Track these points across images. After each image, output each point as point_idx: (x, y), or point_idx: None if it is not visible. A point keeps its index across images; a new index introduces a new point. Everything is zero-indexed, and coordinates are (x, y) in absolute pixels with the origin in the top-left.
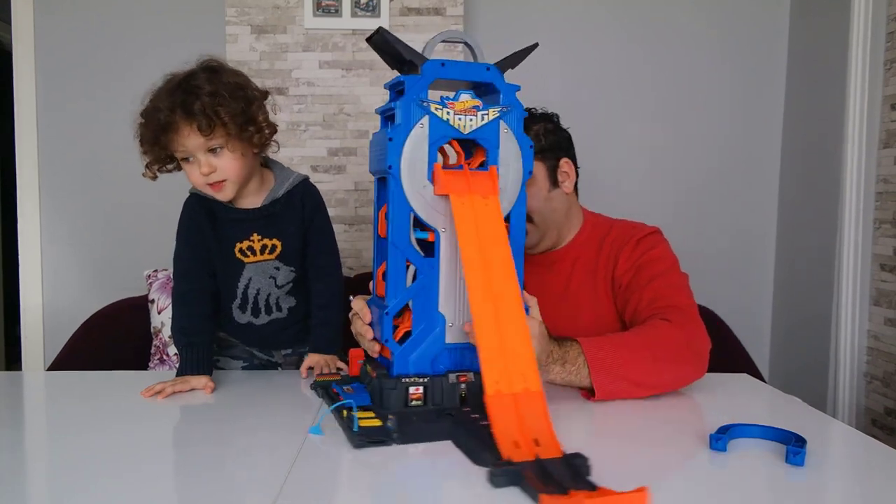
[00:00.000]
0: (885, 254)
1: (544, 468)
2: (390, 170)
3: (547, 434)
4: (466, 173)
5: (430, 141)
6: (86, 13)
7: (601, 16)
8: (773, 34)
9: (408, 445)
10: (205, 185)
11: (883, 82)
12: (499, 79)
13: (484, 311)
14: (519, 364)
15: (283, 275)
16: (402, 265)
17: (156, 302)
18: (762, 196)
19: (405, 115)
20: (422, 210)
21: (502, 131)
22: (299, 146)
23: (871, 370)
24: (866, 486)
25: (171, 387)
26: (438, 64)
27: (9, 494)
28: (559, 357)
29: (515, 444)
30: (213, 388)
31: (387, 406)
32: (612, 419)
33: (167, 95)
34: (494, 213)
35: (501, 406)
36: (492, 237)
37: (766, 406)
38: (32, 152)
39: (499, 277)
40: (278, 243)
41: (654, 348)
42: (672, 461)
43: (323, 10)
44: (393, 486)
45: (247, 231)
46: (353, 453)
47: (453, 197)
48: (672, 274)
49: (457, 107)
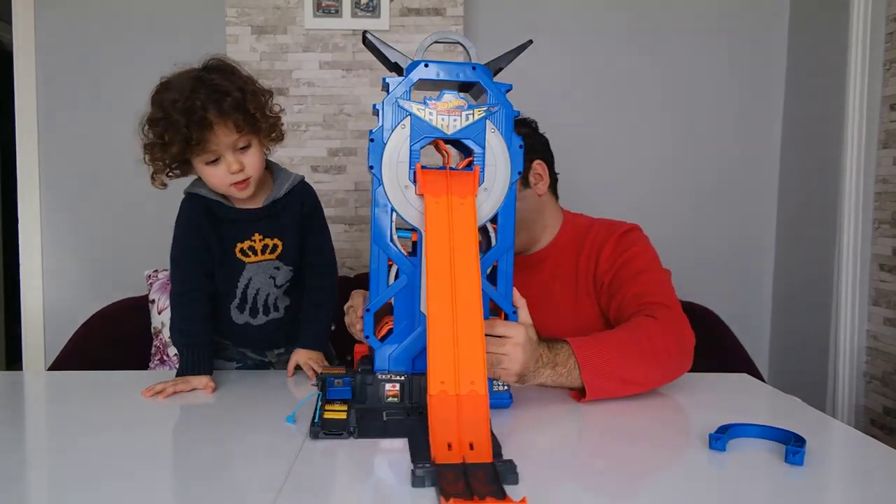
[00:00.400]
0: (885, 254)
1: (466, 472)
2: (372, 170)
3: (483, 438)
4: (447, 174)
5: (412, 141)
6: (86, 13)
7: (601, 16)
8: (773, 35)
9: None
10: (229, 184)
11: (882, 83)
12: (485, 78)
13: (440, 312)
14: (469, 368)
15: (282, 274)
16: (384, 264)
17: (156, 302)
18: (762, 196)
19: (387, 116)
20: (404, 210)
21: (489, 131)
22: (299, 146)
23: (871, 370)
24: (865, 486)
25: (173, 387)
26: (422, 65)
27: (9, 494)
28: (549, 360)
29: (448, 445)
30: (215, 388)
31: (362, 401)
32: (611, 419)
33: (191, 95)
34: (468, 214)
35: (443, 407)
36: (461, 239)
37: (766, 406)
38: (33, 152)
39: (462, 279)
40: (279, 243)
41: (642, 346)
42: (671, 461)
43: (323, 11)
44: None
45: (248, 231)
46: (354, 453)
47: (427, 197)
48: (654, 270)
49: (440, 107)
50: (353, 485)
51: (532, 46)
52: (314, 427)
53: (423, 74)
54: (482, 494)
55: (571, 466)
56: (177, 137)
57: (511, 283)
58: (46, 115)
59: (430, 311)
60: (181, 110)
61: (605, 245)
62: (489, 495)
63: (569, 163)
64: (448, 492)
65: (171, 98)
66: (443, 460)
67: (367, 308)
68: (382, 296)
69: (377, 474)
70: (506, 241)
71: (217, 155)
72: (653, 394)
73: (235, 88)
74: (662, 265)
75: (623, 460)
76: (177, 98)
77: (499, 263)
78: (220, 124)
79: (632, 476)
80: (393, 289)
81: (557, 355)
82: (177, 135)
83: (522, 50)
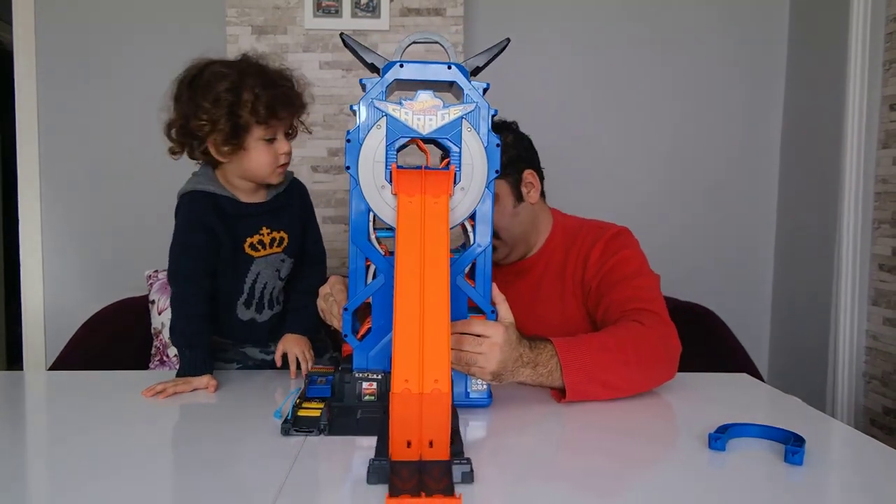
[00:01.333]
0: (884, 254)
1: (422, 469)
2: (348, 170)
3: (442, 436)
4: (423, 173)
5: (388, 142)
6: (87, 14)
7: (601, 16)
8: (773, 35)
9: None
10: (275, 167)
11: (882, 83)
12: (461, 77)
13: (407, 310)
14: (434, 366)
15: (286, 267)
16: (363, 264)
17: (156, 302)
18: (761, 196)
19: (363, 117)
20: (380, 210)
21: (465, 130)
22: (299, 146)
23: (870, 370)
24: (865, 486)
25: (173, 387)
26: (397, 65)
27: (9, 494)
28: (530, 360)
29: (408, 443)
30: (217, 387)
31: (340, 399)
32: (610, 418)
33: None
34: (441, 213)
35: (405, 405)
36: (433, 238)
37: (766, 406)
38: (33, 152)
39: (431, 278)
40: (286, 235)
41: (627, 351)
42: (671, 460)
43: (323, 11)
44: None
45: (256, 225)
46: (353, 452)
47: (401, 196)
48: (643, 275)
49: (416, 107)
50: (349, 485)
51: (532, 45)
52: (285, 424)
53: (399, 75)
54: (431, 491)
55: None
56: (261, 107)
57: (490, 282)
58: (46, 115)
59: (398, 309)
60: (258, 87)
61: (593, 248)
62: (439, 492)
63: (568, 163)
64: (399, 488)
65: (232, 79)
66: (399, 457)
67: (345, 308)
68: (360, 295)
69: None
70: (483, 239)
71: (275, 133)
72: (651, 393)
73: (290, 76)
74: (653, 269)
75: (622, 459)
76: (239, 80)
77: (477, 262)
78: (287, 107)
79: (631, 476)
80: (370, 288)
81: (539, 355)
82: (259, 104)
83: (501, 50)
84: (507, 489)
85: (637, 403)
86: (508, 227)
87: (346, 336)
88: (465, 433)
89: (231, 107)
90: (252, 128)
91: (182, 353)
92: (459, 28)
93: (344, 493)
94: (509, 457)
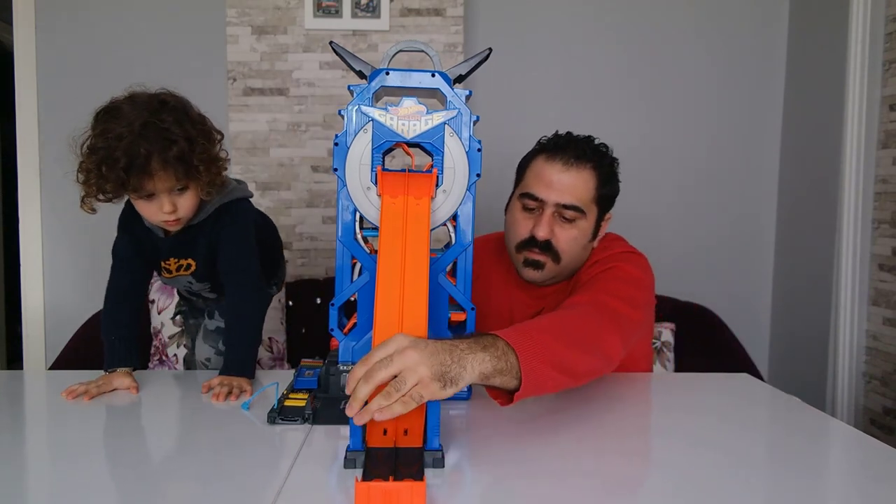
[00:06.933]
0: (884, 254)
1: (394, 456)
2: (336, 172)
3: (417, 425)
4: (406, 175)
5: (374, 145)
6: (87, 14)
7: (601, 16)
8: (773, 35)
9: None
10: (160, 221)
11: (882, 83)
12: (444, 85)
13: (387, 305)
14: None
15: (197, 286)
16: (349, 262)
17: (156, 302)
18: (761, 196)
19: (351, 121)
20: (366, 210)
21: (448, 135)
22: (299, 146)
23: (870, 370)
24: (865, 486)
25: (96, 388)
26: (384, 73)
27: (10, 493)
28: (470, 346)
29: (385, 431)
30: (138, 389)
31: (325, 390)
32: (609, 418)
33: (138, 137)
34: (422, 214)
35: None
36: (414, 237)
37: (766, 406)
38: (34, 152)
39: (411, 275)
40: (192, 262)
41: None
42: (671, 460)
43: (323, 11)
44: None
45: (165, 254)
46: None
47: (385, 197)
48: (627, 283)
49: (400, 112)
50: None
51: (532, 46)
52: (272, 413)
53: (385, 82)
54: (400, 476)
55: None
56: (113, 175)
57: (469, 281)
58: (47, 116)
59: (378, 304)
60: (124, 150)
61: (594, 266)
62: (408, 477)
63: None
64: (372, 473)
65: (118, 132)
66: (374, 444)
67: (331, 303)
68: (346, 291)
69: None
70: (464, 240)
71: (152, 194)
72: (649, 391)
73: (183, 137)
74: (651, 298)
75: (621, 459)
76: (123, 134)
77: (458, 261)
78: (160, 171)
79: (630, 475)
80: (355, 285)
81: (479, 339)
82: (113, 172)
83: (483, 60)
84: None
85: (636, 403)
86: (571, 255)
87: (332, 330)
88: (443, 423)
89: (99, 176)
90: (118, 189)
91: (112, 344)
92: (459, 28)
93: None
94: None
